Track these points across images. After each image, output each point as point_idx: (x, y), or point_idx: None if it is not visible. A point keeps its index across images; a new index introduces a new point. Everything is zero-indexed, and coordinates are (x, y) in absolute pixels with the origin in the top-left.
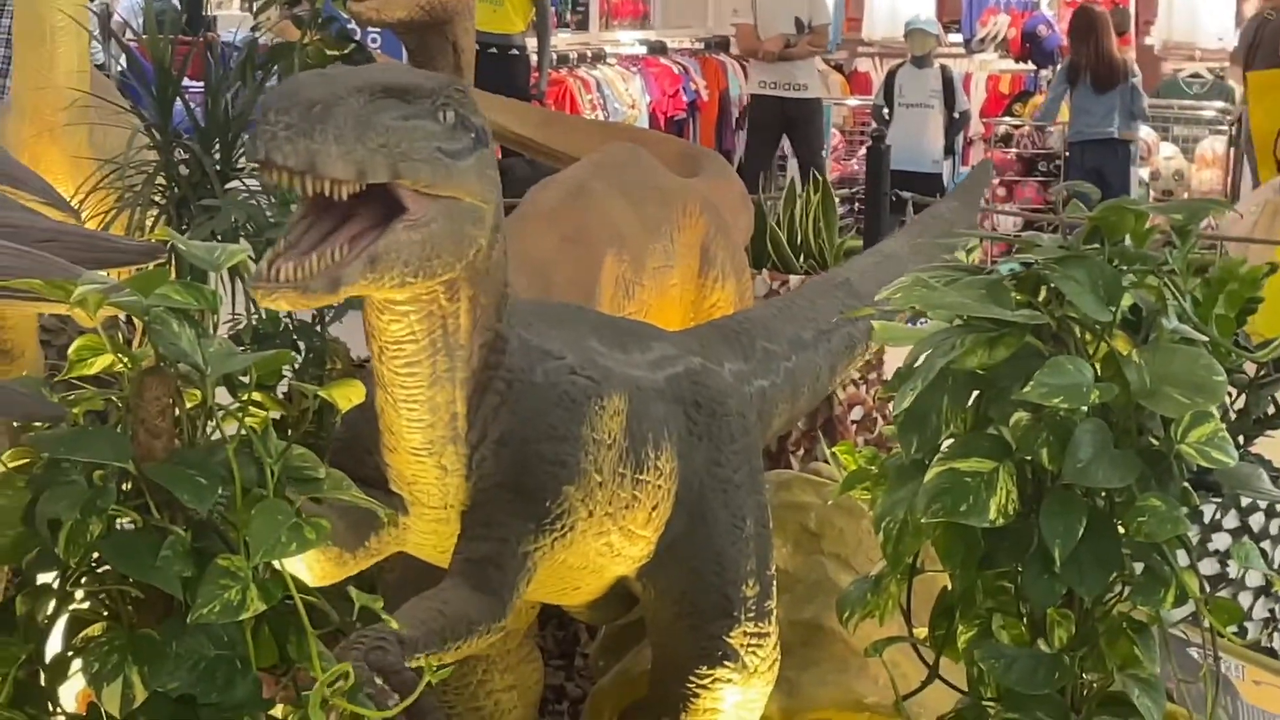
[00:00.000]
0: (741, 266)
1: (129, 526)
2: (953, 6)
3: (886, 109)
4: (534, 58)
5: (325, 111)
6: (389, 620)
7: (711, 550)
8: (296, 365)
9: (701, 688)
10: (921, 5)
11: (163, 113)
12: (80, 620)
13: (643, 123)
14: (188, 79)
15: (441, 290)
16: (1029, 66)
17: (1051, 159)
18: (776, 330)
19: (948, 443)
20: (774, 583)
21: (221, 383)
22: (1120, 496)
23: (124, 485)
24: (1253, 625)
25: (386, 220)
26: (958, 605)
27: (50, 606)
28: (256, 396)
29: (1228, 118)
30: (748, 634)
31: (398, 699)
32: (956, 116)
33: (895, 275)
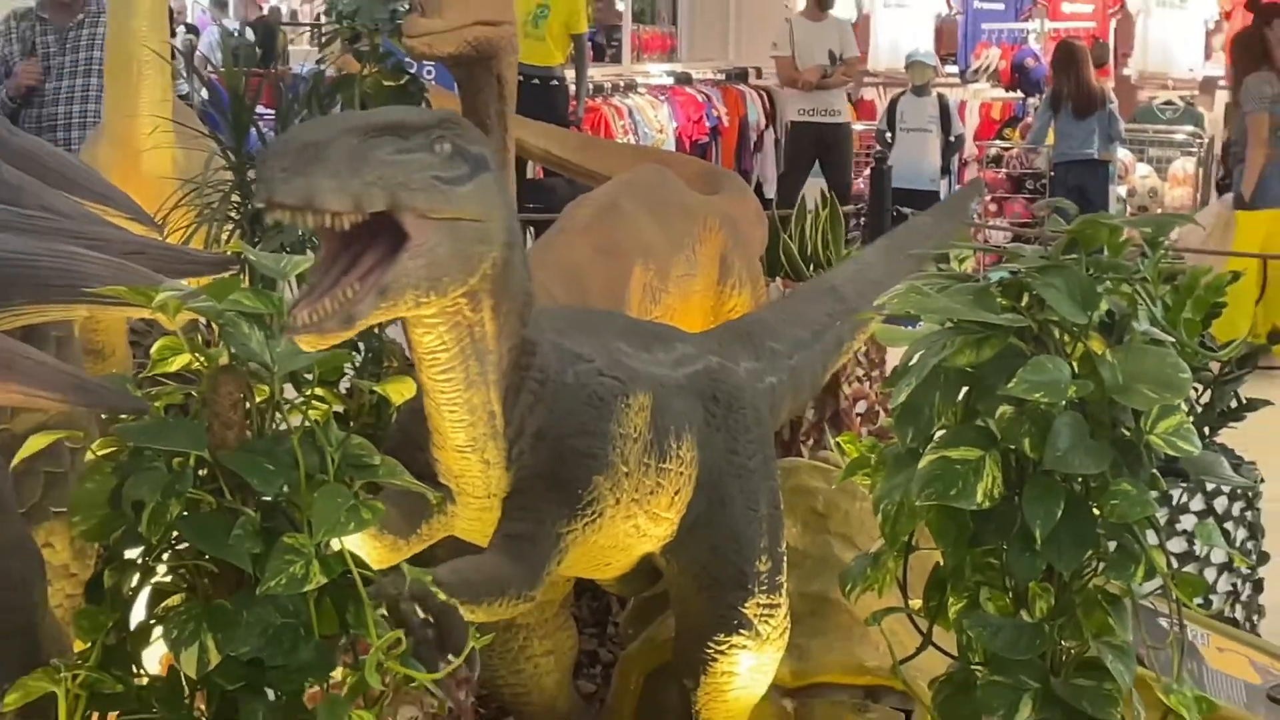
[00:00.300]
0: (757, 275)
1: (205, 508)
2: (949, 40)
3: (889, 133)
4: (572, 88)
5: (319, 151)
6: (425, 576)
7: (729, 530)
8: (357, 364)
9: (719, 653)
10: (921, 39)
11: (237, 137)
12: (161, 592)
13: (669, 146)
14: (261, 107)
15: (464, 302)
16: (1018, 95)
17: (1038, 178)
18: (780, 331)
19: (940, 433)
20: (785, 559)
21: (288, 379)
22: (1095, 482)
23: (200, 471)
24: (1217, 598)
25: (395, 251)
26: (949, 579)
27: (135, 579)
28: (319, 392)
29: (1197, 141)
30: (761, 605)
31: (432, 636)
32: (952, 140)
33: (873, 280)
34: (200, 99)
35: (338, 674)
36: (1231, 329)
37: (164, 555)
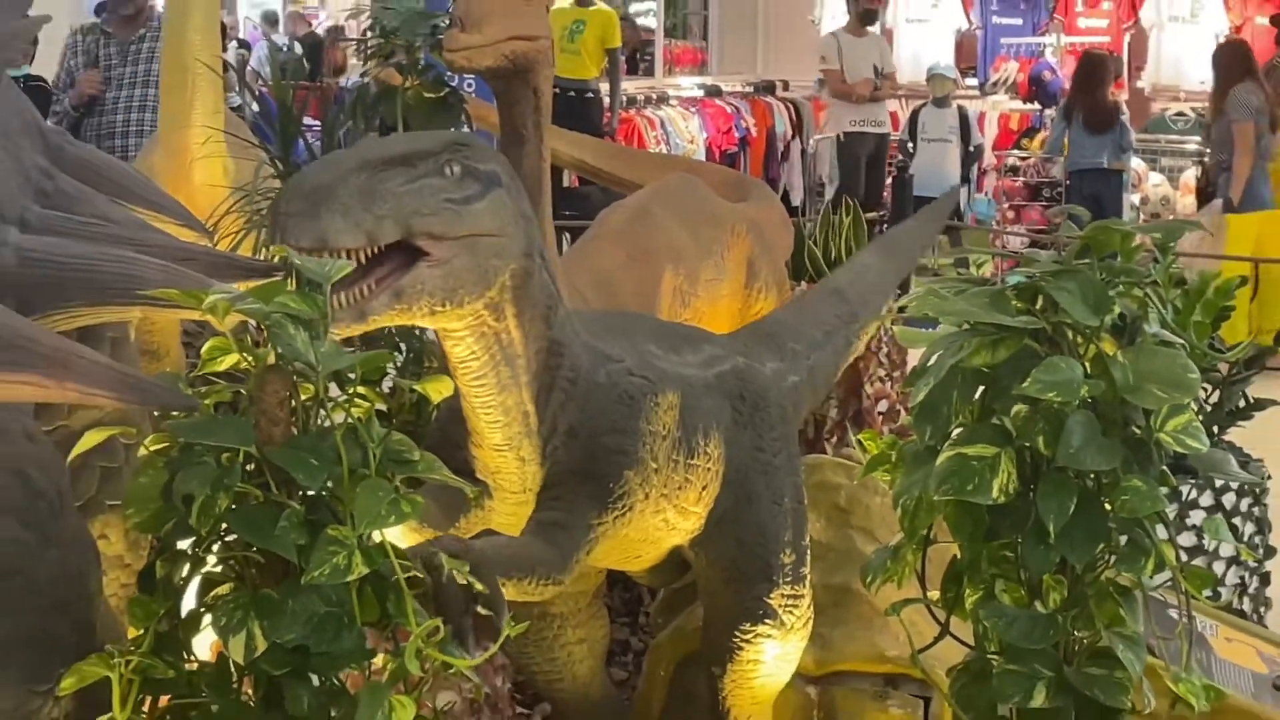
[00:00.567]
0: (782, 279)
1: (253, 502)
2: (969, 54)
3: (911, 143)
4: (606, 100)
5: (328, 193)
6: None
7: (754, 523)
8: (398, 364)
9: (746, 642)
10: (941, 53)
11: (285, 147)
12: (211, 581)
13: (699, 156)
14: (308, 118)
15: (487, 314)
16: (1035, 106)
17: (1054, 186)
18: (799, 332)
19: (957, 431)
20: (808, 551)
21: (332, 378)
22: (1107, 478)
23: (248, 466)
24: (1225, 590)
25: (414, 260)
26: (966, 571)
27: (185, 569)
28: (361, 390)
29: (1208, 151)
30: (785, 596)
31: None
32: (972, 150)
33: (871, 283)
34: (251, 111)
35: (379, 660)
36: (1231, 330)
37: (213, 546)
